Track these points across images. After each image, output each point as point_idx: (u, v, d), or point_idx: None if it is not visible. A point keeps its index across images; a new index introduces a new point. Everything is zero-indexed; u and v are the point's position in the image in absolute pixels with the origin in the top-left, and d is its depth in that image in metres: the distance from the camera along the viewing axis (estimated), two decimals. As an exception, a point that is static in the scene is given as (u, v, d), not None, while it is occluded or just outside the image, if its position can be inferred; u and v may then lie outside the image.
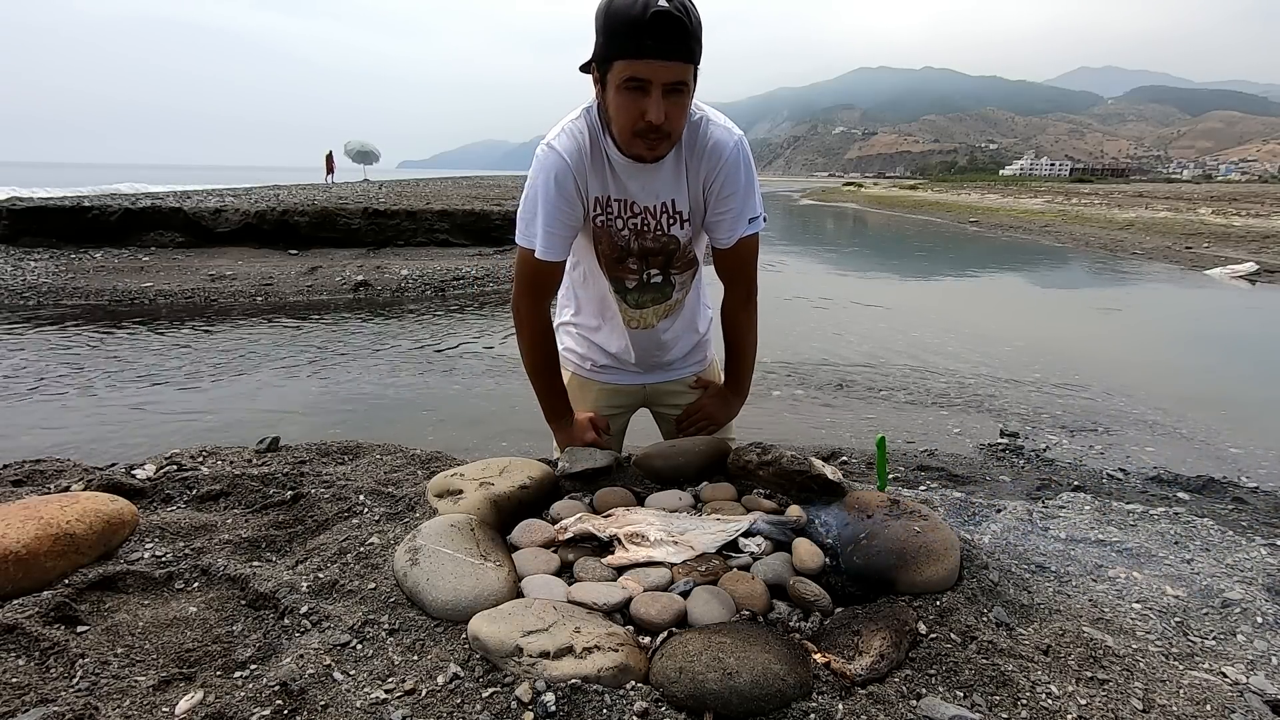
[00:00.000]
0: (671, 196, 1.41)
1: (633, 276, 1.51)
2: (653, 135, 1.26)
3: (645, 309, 1.56)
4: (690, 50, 1.19)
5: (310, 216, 11.17)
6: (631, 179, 1.38)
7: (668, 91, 1.21)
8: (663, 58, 1.18)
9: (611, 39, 1.20)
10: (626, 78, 1.20)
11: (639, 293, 1.53)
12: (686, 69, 1.21)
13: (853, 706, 0.87)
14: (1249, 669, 1.13)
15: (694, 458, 1.47)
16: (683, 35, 1.17)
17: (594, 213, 1.42)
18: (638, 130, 1.26)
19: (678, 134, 1.31)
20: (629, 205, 1.41)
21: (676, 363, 1.71)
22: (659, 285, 1.53)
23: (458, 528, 1.14)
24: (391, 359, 6.19)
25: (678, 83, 1.21)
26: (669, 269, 1.51)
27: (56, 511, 1.20)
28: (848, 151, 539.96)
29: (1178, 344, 7.50)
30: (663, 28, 1.15)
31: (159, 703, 0.88)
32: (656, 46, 1.16)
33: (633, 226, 1.43)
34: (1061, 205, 27.67)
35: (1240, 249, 14.62)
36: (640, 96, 1.22)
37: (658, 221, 1.43)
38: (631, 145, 1.30)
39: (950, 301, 10.48)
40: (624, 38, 1.17)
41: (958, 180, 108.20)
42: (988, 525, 1.91)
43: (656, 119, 1.22)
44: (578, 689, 0.84)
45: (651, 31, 1.14)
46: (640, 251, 1.47)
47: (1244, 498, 3.13)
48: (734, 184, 1.39)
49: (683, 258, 1.50)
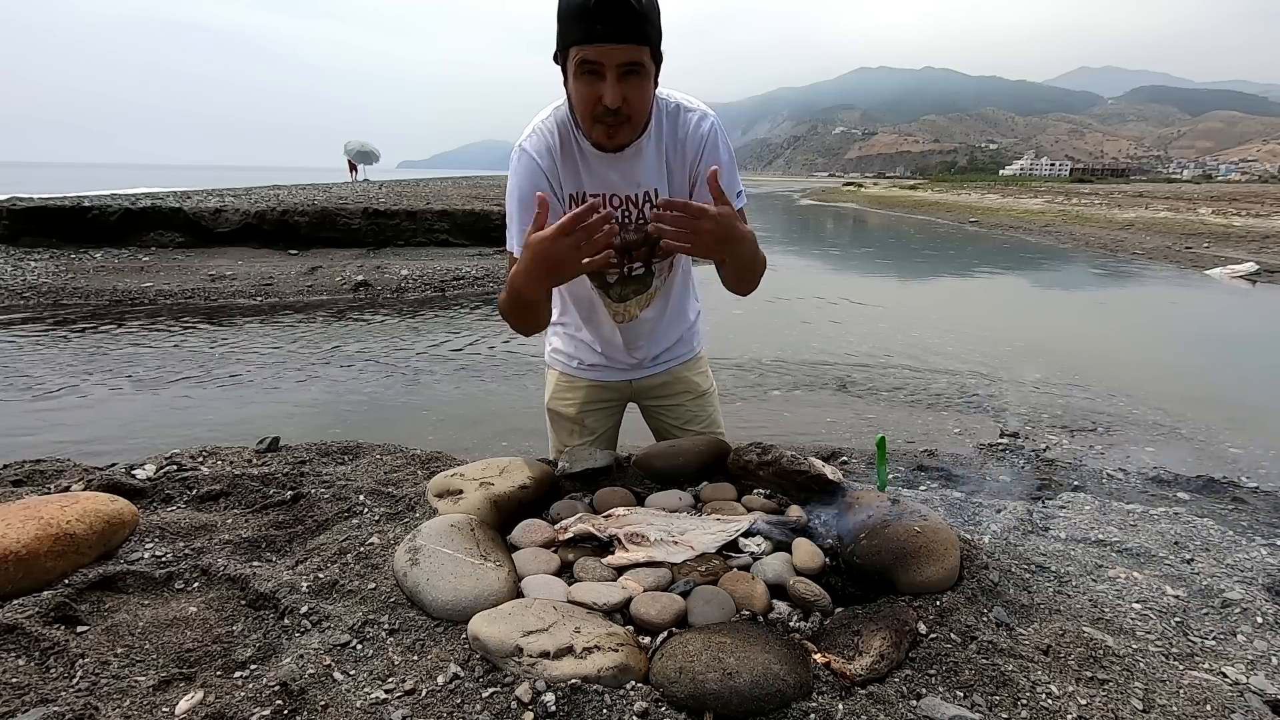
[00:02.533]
0: (654, 185, 1.40)
1: (613, 271, 1.51)
2: (610, 119, 1.25)
3: (628, 301, 1.56)
4: (643, 31, 1.18)
5: (310, 216, 11.18)
6: (611, 169, 1.37)
7: (623, 74, 1.21)
8: (614, 40, 1.17)
9: (565, 25, 1.20)
10: (579, 61, 1.21)
11: (620, 286, 1.54)
12: (640, 50, 1.20)
13: (853, 706, 0.87)
14: (1249, 669, 1.13)
15: (694, 458, 1.47)
16: (632, 16, 1.16)
17: (570, 209, 1.42)
18: (596, 115, 1.25)
19: (639, 117, 1.30)
20: (608, 199, 1.40)
21: (662, 355, 1.70)
22: (640, 277, 1.53)
23: (458, 528, 1.14)
24: (391, 359, 6.19)
25: (632, 63, 1.20)
26: (650, 259, 1.51)
27: (56, 511, 1.20)
28: (848, 151, 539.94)
29: (1178, 344, 7.50)
30: (611, 10, 1.14)
31: (159, 703, 0.88)
32: (606, 30, 1.16)
33: (612, 220, 1.43)
34: (1061, 205, 27.65)
35: (1240, 249, 14.62)
36: (595, 81, 1.21)
37: (639, 210, 1.42)
38: (593, 132, 1.30)
39: (950, 301, 10.49)
40: (575, 23, 1.18)
41: (958, 180, 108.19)
42: (988, 525, 1.92)
43: (612, 102, 1.22)
44: (578, 689, 0.84)
45: (600, 15, 1.15)
46: (621, 245, 1.46)
47: (1244, 498, 3.13)
48: (716, 162, 1.38)
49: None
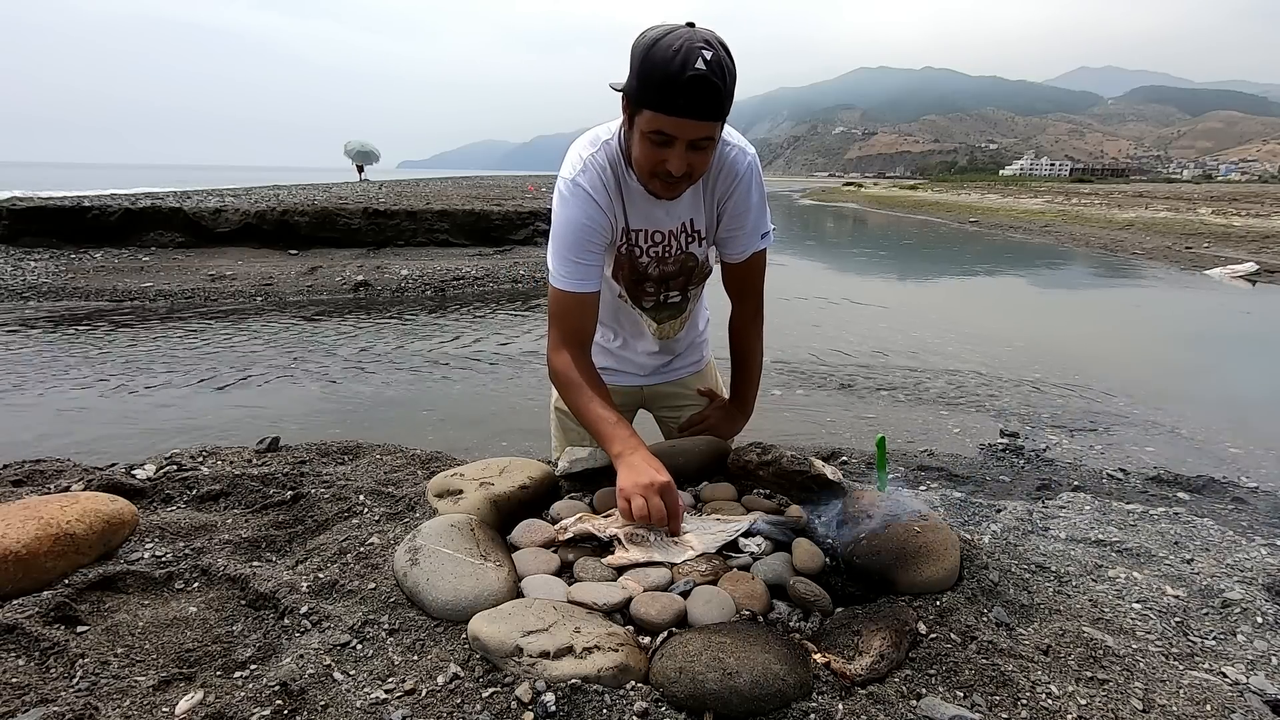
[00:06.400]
0: (691, 216, 1.41)
1: (649, 298, 1.53)
2: (670, 180, 1.24)
3: (665, 324, 1.59)
4: (721, 109, 1.17)
5: (310, 216, 11.17)
6: (656, 207, 1.38)
7: (692, 145, 1.19)
8: (693, 117, 1.15)
9: (645, 87, 1.16)
10: (654, 130, 1.18)
11: (656, 311, 1.56)
12: (715, 126, 1.19)
13: (853, 706, 0.87)
14: (1249, 669, 1.13)
15: (694, 458, 1.47)
16: (716, 97, 1.14)
17: (620, 241, 1.42)
18: (657, 174, 1.24)
19: (698, 178, 1.30)
20: (651, 235, 1.41)
21: (675, 362, 1.72)
22: (676, 304, 1.56)
23: (458, 528, 1.14)
24: (392, 359, 6.19)
25: (705, 139, 1.19)
26: (688, 287, 1.53)
27: (56, 511, 1.20)
28: (848, 151, 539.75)
29: (1178, 344, 7.50)
30: (698, 90, 1.12)
31: (159, 703, 0.88)
32: (688, 106, 1.13)
33: (653, 255, 1.44)
34: (1061, 205, 27.65)
35: (1240, 249, 14.61)
36: (664, 148, 1.20)
37: (679, 243, 1.44)
38: (649, 184, 1.29)
39: (950, 301, 10.48)
40: (657, 91, 1.14)
41: (958, 180, 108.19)
42: (988, 525, 1.92)
43: (677, 170, 1.21)
44: (578, 689, 0.84)
45: (686, 91, 1.11)
46: (660, 276, 1.48)
47: (1244, 498, 3.13)
48: (747, 202, 1.40)
49: (700, 273, 1.53)
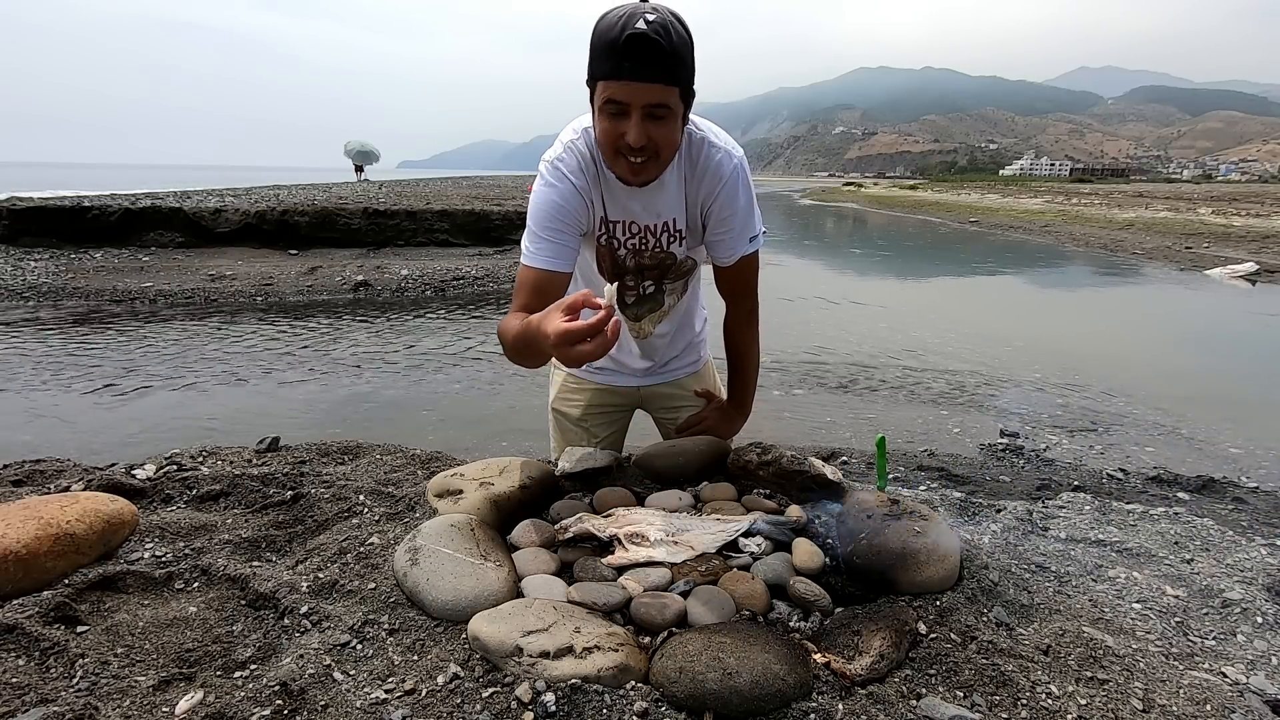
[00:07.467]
0: (673, 215, 1.40)
1: (631, 292, 1.53)
2: (634, 157, 1.22)
3: (642, 320, 1.58)
4: (672, 72, 1.15)
5: (310, 216, 11.17)
6: (633, 199, 1.36)
7: (649, 114, 1.18)
8: (640, 79, 1.14)
9: (594, 60, 1.17)
10: (605, 99, 1.18)
11: (636, 306, 1.56)
12: (668, 91, 1.17)
13: (853, 706, 0.87)
14: (1249, 669, 1.13)
15: (694, 458, 1.47)
16: (661, 56, 1.13)
17: (598, 231, 1.42)
18: (619, 149, 1.23)
19: (666, 156, 1.27)
20: (629, 226, 1.41)
21: (672, 363, 1.71)
22: (652, 295, 1.55)
23: (458, 528, 1.14)
24: (391, 359, 6.19)
25: (658, 105, 1.17)
26: (663, 280, 1.52)
27: (56, 511, 1.20)
28: (848, 151, 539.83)
29: (1178, 344, 7.50)
30: (639, 49, 1.11)
31: (159, 703, 0.88)
32: (634, 69, 1.13)
33: (630, 246, 1.43)
34: (1061, 205, 27.65)
35: (1240, 249, 14.62)
36: (620, 119, 1.19)
37: (657, 240, 1.43)
38: (615, 166, 1.28)
39: (950, 301, 10.48)
40: (603, 58, 1.15)
41: (958, 180, 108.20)
42: (988, 525, 1.91)
43: (635, 141, 1.19)
44: (578, 689, 0.84)
45: (628, 53, 1.11)
46: (636, 268, 1.47)
47: (1244, 498, 3.13)
48: (733, 205, 1.38)
49: (678, 270, 1.51)
